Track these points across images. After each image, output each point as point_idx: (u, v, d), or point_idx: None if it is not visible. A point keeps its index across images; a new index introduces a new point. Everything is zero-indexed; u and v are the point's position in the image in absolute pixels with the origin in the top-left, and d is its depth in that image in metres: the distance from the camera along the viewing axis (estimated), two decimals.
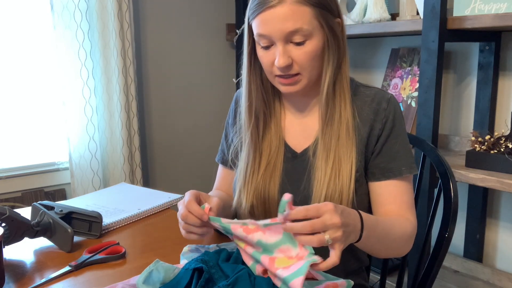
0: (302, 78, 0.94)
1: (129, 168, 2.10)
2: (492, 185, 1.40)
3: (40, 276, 0.92)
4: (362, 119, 0.97)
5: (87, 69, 1.99)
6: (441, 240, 1.03)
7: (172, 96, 2.39)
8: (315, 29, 0.90)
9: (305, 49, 0.90)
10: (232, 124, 1.13)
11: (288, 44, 0.90)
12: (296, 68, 0.92)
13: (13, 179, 1.97)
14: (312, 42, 0.90)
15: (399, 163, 0.97)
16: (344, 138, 0.96)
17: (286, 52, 0.90)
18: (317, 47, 0.91)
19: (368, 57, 2.17)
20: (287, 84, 0.94)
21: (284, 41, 0.90)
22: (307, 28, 0.88)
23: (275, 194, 1.00)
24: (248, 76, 1.00)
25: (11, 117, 1.96)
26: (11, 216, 0.99)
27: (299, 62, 0.91)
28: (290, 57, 0.91)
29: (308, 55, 0.91)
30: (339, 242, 0.73)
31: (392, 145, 0.97)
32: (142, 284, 0.79)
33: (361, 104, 0.99)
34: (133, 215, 1.23)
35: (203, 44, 2.45)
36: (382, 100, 0.98)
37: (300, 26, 0.88)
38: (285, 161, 1.02)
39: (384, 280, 1.18)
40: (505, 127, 1.61)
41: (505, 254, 1.74)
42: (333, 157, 0.95)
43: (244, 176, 1.02)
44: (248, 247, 0.81)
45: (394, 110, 0.98)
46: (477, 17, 1.42)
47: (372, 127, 0.97)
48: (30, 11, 1.95)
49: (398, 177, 0.96)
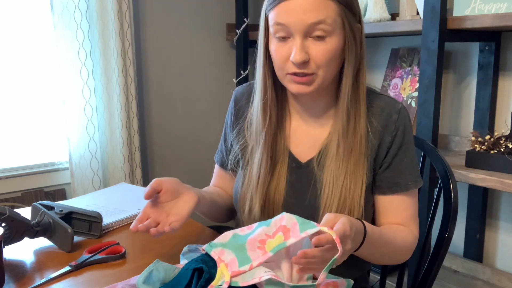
0: (316, 78, 0.88)
1: (129, 168, 2.10)
2: (492, 185, 1.40)
3: (40, 276, 0.92)
4: (372, 131, 0.93)
5: (87, 69, 1.99)
6: (441, 240, 1.03)
7: (172, 96, 2.39)
8: (338, 26, 0.85)
9: (325, 46, 0.85)
10: (231, 125, 1.08)
11: (307, 39, 0.85)
12: (313, 67, 0.86)
13: (13, 179, 1.97)
14: (332, 39, 0.85)
15: (407, 177, 0.94)
16: (358, 151, 0.91)
17: (304, 47, 0.85)
18: (337, 46, 0.86)
19: (368, 57, 2.17)
20: (300, 83, 0.88)
21: (303, 34, 0.84)
22: (330, 23, 0.84)
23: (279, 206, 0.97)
24: (263, 72, 0.94)
25: (11, 117, 1.96)
26: (11, 216, 0.99)
27: (317, 60, 0.85)
28: (307, 53, 0.85)
29: (328, 53, 0.85)
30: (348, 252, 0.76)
31: (401, 159, 0.94)
32: (142, 284, 0.79)
33: (371, 114, 0.94)
34: (133, 215, 1.23)
35: (203, 44, 2.45)
36: (393, 111, 0.94)
37: (323, 18, 0.83)
38: (289, 171, 0.98)
39: (384, 280, 1.18)
40: (505, 127, 1.61)
41: (505, 254, 1.74)
42: (345, 172, 0.91)
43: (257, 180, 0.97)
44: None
45: (405, 122, 0.94)
46: (477, 17, 1.42)
47: (381, 139, 0.94)
48: (30, 11, 1.95)
49: (404, 193, 0.95)
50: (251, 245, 0.78)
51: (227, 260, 0.78)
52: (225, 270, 0.77)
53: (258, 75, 0.96)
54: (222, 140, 1.13)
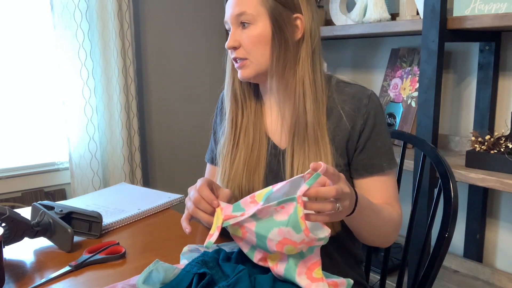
0: (250, 63, 0.98)
1: (129, 168, 2.10)
2: (492, 185, 1.40)
3: (40, 276, 0.92)
4: (344, 116, 0.99)
5: (87, 69, 1.99)
6: (441, 240, 1.03)
7: (172, 96, 2.39)
8: (261, 15, 0.95)
9: (248, 33, 0.96)
10: (219, 123, 1.15)
11: (238, 28, 0.97)
12: (242, 52, 0.97)
13: (13, 179, 1.97)
14: (256, 27, 0.95)
15: (381, 159, 0.99)
16: (312, 137, 0.97)
17: (235, 35, 0.97)
18: (261, 32, 0.95)
19: (368, 57, 2.17)
20: (238, 68, 0.99)
21: (234, 25, 0.97)
22: (250, 13, 0.95)
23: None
24: (229, 66, 1.05)
25: (11, 117, 1.96)
26: (11, 216, 0.99)
27: (244, 45, 0.97)
28: (237, 40, 0.97)
29: (251, 38, 0.96)
30: (344, 212, 0.79)
31: (374, 141, 0.99)
32: (142, 284, 0.79)
33: (343, 101, 1.00)
34: (133, 215, 1.23)
35: (203, 44, 2.45)
36: (363, 96, 0.99)
37: (244, 10, 0.95)
38: (268, 157, 1.04)
39: (384, 280, 1.19)
40: (505, 127, 1.61)
41: (505, 254, 1.74)
42: (307, 157, 0.96)
43: (224, 169, 1.04)
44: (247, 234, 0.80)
45: (375, 106, 0.99)
46: (477, 17, 1.42)
47: (354, 123, 0.99)
48: (30, 11, 1.95)
49: (381, 173, 0.99)
50: (244, 202, 0.82)
51: (223, 205, 0.83)
52: (219, 214, 0.81)
53: (227, 69, 1.06)
54: (212, 139, 1.21)
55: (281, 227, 0.74)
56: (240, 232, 0.80)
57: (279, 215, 0.75)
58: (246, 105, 1.05)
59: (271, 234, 0.76)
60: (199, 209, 0.85)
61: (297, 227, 0.73)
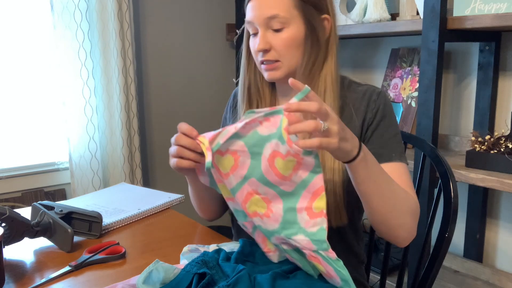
0: (281, 65, 0.97)
1: (129, 168, 2.10)
2: (492, 185, 1.40)
3: (40, 276, 0.92)
4: (355, 113, 1.00)
5: (87, 69, 1.99)
6: (441, 240, 1.03)
7: (172, 96, 2.39)
8: (294, 18, 0.95)
9: (282, 36, 0.95)
10: (230, 118, 1.15)
11: (268, 30, 0.96)
12: (274, 54, 0.96)
13: (13, 179, 1.97)
14: (290, 29, 0.95)
15: (390, 150, 0.97)
16: None
17: (265, 37, 0.96)
18: (294, 35, 0.95)
19: (368, 57, 2.17)
20: (268, 70, 0.98)
21: (264, 26, 0.95)
22: (284, 16, 0.93)
23: None
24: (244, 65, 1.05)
25: (11, 117, 1.96)
26: (11, 216, 0.99)
27: (277, 48, 0.96)
28: (268, 42, 0.96)
29: (285, 41, 0.95)
30: (334, 137, 0.73)
31: (382, 133, 0.98)
32: (142, 284, 0.79)
33: (354, 99, 1.01)
34: (133, 215, 1.23)
35: (203, 44, 2.45)
36: (373, 93, 1.01)
37: (277, 12, 0.93)
38: None
39: (384, 280, 1.19)
40: (505, 127, 1.62)
41: (505, 254, 1.74)
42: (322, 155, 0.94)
43: None
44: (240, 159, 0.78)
45: (384, 102, 1.00)
46: (477, 17, 1.42)
47: (364, 118, 1.00)
48: (30, 11, 1.95)
49: (389, 162, 0.96)
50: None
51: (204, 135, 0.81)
52: (203, 139, 0.80)
53: (241, 67, 1.06)
54: None
55: (272, 140, 0.75)
56: (233, 159, 0.78)
57: (265, 129, 0.75)
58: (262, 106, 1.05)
59: (265, 150, 0.76)
60: (181, 146, 0.84)
61: (282, 138, 0.74)
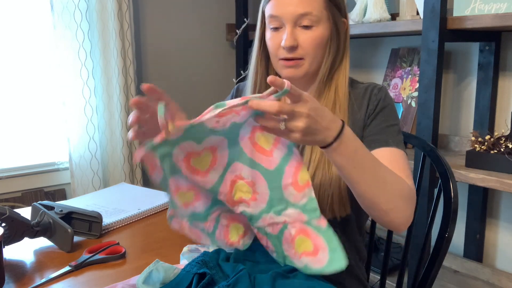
0: (304, 63, 0.98)
1: (129, 168, 2.10)
2: (492, 185, 1.40)
3: (40, 276, 0.92)
4: (358, 107, 1.01)
5: (87, 69, 1.99)
6: (441, 240, 1.03)
7: (172, 96, 2.37)
8: (323, 18, 0.96)
9: (311, 34, 0.96)
10: None
11: (296, 27, 0.96)
12: (301, 52, 0.97)
13: (13, 179, 1.97)
14: (318, 29, 0.96)
15: (386, 136, 0.95)
16: None
17: (293, 34, 0.96)
18: (322, 35, 0.97)
19: (368, 57, 2.17)
20: (289, 67, 0.98)
21: (293, 23, 0.95)
22: (316, 14, 0.95)
23: None
24: (256, 59, 1.04)
25: (11, 117, 1.96)
26: (11, 216, 0.99)
27: (304, 46, 0.96)
28: (296, 39, 0.96)
29: (313, 40, 0.96)
30: (296, 133, 0.72)
31: (380, 122, 0.98)
32: (142, 284, 0.79)
33: (357, 94, 1.03)
34: (133, 215, 1.23)
35: (203, 44, 2.45)
36: (375, 88, 1.03)
37: (310, 10, 0.94)
38: None
39: (384, 280, 1.18)
40: (505, 127, 1.62)
41: (505, 254, 1.74)
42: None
43: None
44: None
45: (385, 95, 1.01)
46: (477, 17, 1.42)
47: (366, 110, 1.01)
48: (30, 11, 1.95)
49: (385, 147, 0.94)
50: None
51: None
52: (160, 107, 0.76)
53: (252, 61, 1.06)
54: None
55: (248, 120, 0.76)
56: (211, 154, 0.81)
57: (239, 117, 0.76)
58: None
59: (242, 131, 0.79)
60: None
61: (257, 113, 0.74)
